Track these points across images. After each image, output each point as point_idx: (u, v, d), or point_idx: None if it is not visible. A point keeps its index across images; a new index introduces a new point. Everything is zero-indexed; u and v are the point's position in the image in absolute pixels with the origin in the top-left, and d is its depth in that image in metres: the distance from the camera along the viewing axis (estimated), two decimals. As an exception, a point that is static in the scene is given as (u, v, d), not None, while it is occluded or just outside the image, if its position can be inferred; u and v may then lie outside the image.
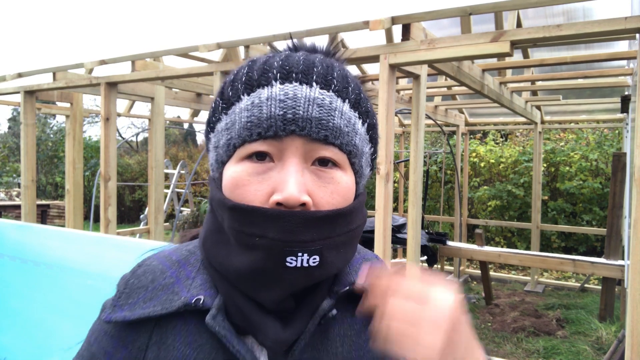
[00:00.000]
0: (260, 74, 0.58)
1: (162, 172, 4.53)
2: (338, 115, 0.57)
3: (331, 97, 0.57)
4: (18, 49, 4.97)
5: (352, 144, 0.60)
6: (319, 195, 0.57)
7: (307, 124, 0.56)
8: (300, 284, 0.57)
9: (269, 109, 0.56)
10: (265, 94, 0.56)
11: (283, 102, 0.55)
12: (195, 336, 0.60)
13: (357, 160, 0.62)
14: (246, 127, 0.57)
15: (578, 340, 4.48)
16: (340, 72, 0.61)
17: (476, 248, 5.13)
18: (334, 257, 0.58)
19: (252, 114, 0.56)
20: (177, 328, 0.61)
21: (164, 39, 3.66)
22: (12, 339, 2.26)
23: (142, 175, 12.52)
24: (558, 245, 7.62)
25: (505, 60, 3.93)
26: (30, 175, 4.37)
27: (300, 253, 0.54)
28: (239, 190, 0.57)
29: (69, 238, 2.26)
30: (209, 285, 0.62)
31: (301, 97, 0.56)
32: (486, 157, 8.58)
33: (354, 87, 0.61)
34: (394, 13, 2.47)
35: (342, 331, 0.64)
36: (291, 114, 0.55)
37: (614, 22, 2.11)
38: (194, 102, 5.48)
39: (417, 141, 2.93)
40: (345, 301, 0.65)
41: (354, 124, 0.60)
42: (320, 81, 0.58)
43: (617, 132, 7.85)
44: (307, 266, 0.55)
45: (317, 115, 0.56)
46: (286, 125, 0.55)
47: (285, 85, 0.56)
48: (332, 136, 0.57)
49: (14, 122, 17.46)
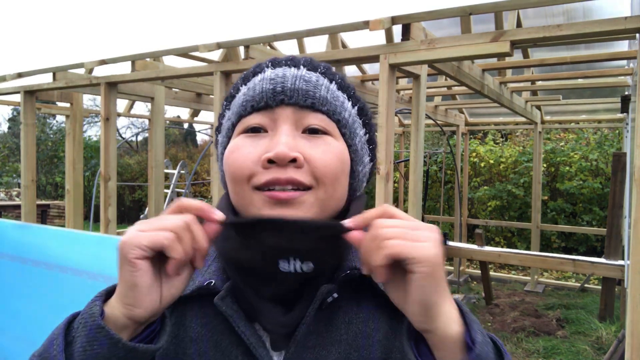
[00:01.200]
0: (255, 67, 0.66)
1: (162, 172, 4.53)
2: (324, 89, 0.63)
3: (317, 76, 0.63)
4: (18, 49, 4.97)
5: (340, 115, 0.63)
6: (310, 153, 0.59)
7: (294, 93, 0.61)
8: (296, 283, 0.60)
9: (260, 86, 0.62)
10: (259, 77, 0.63)
11: (273, 79, 0.62)
12: (211, 318, 0.64)
13: (347, 132, 0.64)
14: (241, 104, 0.63)
15: (578, 340, 4.48)
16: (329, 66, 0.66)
17: (476, 248, 5.12)
18: (328, 259, 0.60)
19: (247, 95, 0.63)
20: (195, 310, 0.65)
21: (164, 39, 3.66)
22: (12, 339, 2.26)
23: (142, 175, 12.52)
24: (558, 246, 7.62)
25: (505, 60, 3.93)
26: (30, 175, 4.37)
27: (292, 258, 0.57)
28: (233, 155, 0.61)
29: (69, 238, 2.26)
30: (222, 272, 0.66)
31: (289, 74, 0.62)
32: (486, 157, 8.58)
33: (342, 77, 0.66)
34: (394, 13, 2.47)
35: (347, 318, 0.64)
36: (280, 87, 0.61)
37: (614, 22, 2.11)
38: (194, 102, 5.48)
39: (417, 141, 2.93)
40: (350, 289, 0.65)
41: (342, 101, 0.64)
42: (308, 65, 0.64)
43: (617, 132, 7.85)
44: (300, 272, 0.58)
45: (304, 87, 0.61)
46: (275, 96, 0.61)
47: (275, 69, 0.63)
48: (318, 103, 0.61)
49: (14, 122, 17.46)
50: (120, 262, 0.52)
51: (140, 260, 0.51)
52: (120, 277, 0.52)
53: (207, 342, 0.63)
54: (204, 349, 0.63)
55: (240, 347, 0.62)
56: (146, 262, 0.51)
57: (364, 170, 0.68)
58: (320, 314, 0.62)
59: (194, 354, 0.64)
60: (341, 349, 0.63)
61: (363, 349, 0.64)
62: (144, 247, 0.51)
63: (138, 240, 0.51)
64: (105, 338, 0.50)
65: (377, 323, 0.65)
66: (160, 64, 4.11)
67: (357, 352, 0.63)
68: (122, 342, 0.50)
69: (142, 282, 0.51)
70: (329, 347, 0.63)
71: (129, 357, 0.51)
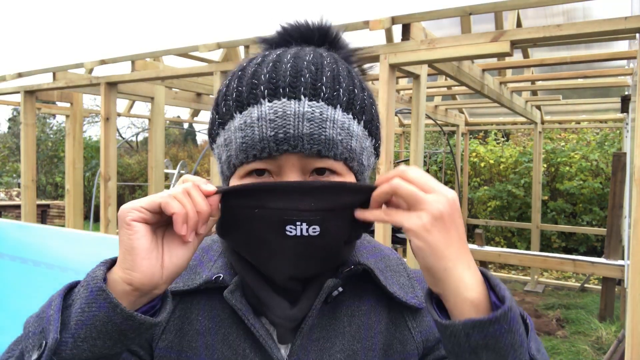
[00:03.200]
0: (249, 91, 0.59)
1: (162, 172, 4.53)
2: (330, 126, 0.58)
3: (321, 107, 0.57)
4: (18, 49, 4.97)
5: (347, 151, 0.60)
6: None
7: (298, 141, 0.56)
8: (305, 255, 0.58)
9: (260, 130, 0.57)
10: (256, 113, 0.57)
11: (273, 121, 0.56)
12: (218, 311, 0.65)
13: (355, 164, 0.62)
14: (242, 148, 0.59)
15: (578, 340, 4.48)
16: (331, 72, 0.60)
17: (476, 248, 5.13)
18: (335, 229, 0.58)
19: (245, 135, 0.58)
20: (202, 304, 0.66)
21: (164, 39, 3.66)
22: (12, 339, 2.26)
23: (142, 175, 12.52)
24: (558, 245, 7.62)
25: (505, 60, 3.93)
26: (30, 175, 4.37)
27: (299, 222, 0.56)
28: None
29: (69, 238, 2.26)
30: (228, 267, 0.67)
31: (290, 114, 0.56)
32: (486, 157, 8.58)
33: (345, 87, 0.60)
34: (394, 13, 2.47)
35: (349, 311, 0.67)
36: (282, 134, 0.56)
37: (614, 22, 2.11)
38: (194, 102, 5.48)
39: (417, 141, 2.93)
40: (354, 283, 0.67)
41: (348, 128, 0.59)
42: (309, 93, 0.57)
43: (617, 132, 7.85)
44: (307, 235, 0.56)
45: (308, 131, 0.56)
46: (279, 146, 0.57)
47: (273, 103, 0.57)
48: (325, 149, 0.58)
49: (14, 122, 17.46)
50: (119, 227, 0.53)
51: (138, 222, 0.52)
52: (120, 242, 0.53)
53: (214, 335, 0.64)
54: (211, 342, 0.64)
55: (248, 340, 0.63)
56: (144, 225, 0.52)
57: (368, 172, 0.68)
58: (325, 307, 0.64)
59: (200, 347, 0.64)
60: (345, 340, 0.65)
61: (365, 340, 0.66)
62: (141, 208, 0.52)
63: (136, 203, 0.53)
64: (105, 301, 0.50)
65: (378, 315, 0.68)
66: (160, 64, 4.11)
67: (359, 343, 0.66)
68: (120, 307, 0.50)
69: (140, 245, 0.51)
70: (333, 339, 0.65)
71: (125, 325, 0.51)
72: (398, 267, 0.73)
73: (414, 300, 0.68)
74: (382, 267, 0.69)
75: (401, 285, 0.70)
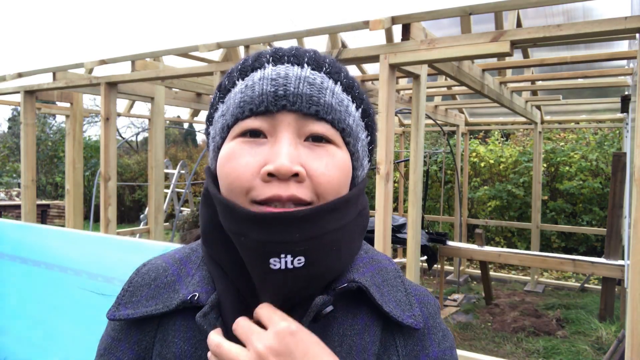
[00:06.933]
0: (254, 60, 0.60)
1: (162, 172, 4.53)
2: (329, 94, 0.58)
3: (322, 77, 0.59)
4: (18, 49, 4.97)
5: (344, 123, 0.59)
6: (313, 167, 0.56)
7: (297, 99, 0.56)
8: (291, 286, 0.55)
9: (260, 87, 0.57)
10: (258, 75, 0.58)
11: (274, 80, 0.57)
12: (195, 332, 0.61)
13: (351, 141, 0.61)
14: (239, 105, 0.58)
15: (578, 340, 4.48)
16: (333, 61, 0.62)
17: (476, 248, 5.13)
18: (323, 257, 0.55)
19: (245, 94, 0.58)
20: (177, 325, 0.62)
21: (164, 39, 3.66)
22: (12, 339, 2.26)
23: (142, 175, 12.52)
24: (558, 245, 7.63)
25: (505, 60, 3.94)
26: (30, 175, 4.37)
27: (284, 254, 0.53)
28: (230, 164, 0.57)
29: (69, 238, 2.26)
30: (206, 282, 0.63)
31: (292, 75, 0.57)
32: (486, 157, 8.58)
33: (346, 74, 0.62)
34: (394, 13, 2.47)
35: (341, 331, 0.61)
36: (282, 90, 0.56)
37: (614, 22, 2.11)
38: (194, 102, 5.48)
39: (417, 141, 2.93)
40: (346, 301, 0.62)
41: (346, 105, 0.60)
42: (312, 63, 0.59)
43: (617, 132, 7.85)
44: (291, 268, 0.53)
45: (308, 92, 0.57)
46: (277, 101, 0.56)
47: (277, 67, 0.58)
48: (323, 111, 0.57)
49: (14, 122, 17.45)
50: None
51: None
52: None
53: (190, 359, 0.60)
54: None
55: None
56: None
57: (362, 173, 0.66)
58: (314, 326, 0.58)
59: None
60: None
61: None
62: None
63: None
64: None
65: (372, 336, 0.62)
66: (160, 64, 4.11)
67: None
68: None
69: None
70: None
71: None
72: (395, 280, 0.67)
73: (410, 320, 0.62)
74: (378, 282, 0.64)
75: (398, 301, 0.64)
